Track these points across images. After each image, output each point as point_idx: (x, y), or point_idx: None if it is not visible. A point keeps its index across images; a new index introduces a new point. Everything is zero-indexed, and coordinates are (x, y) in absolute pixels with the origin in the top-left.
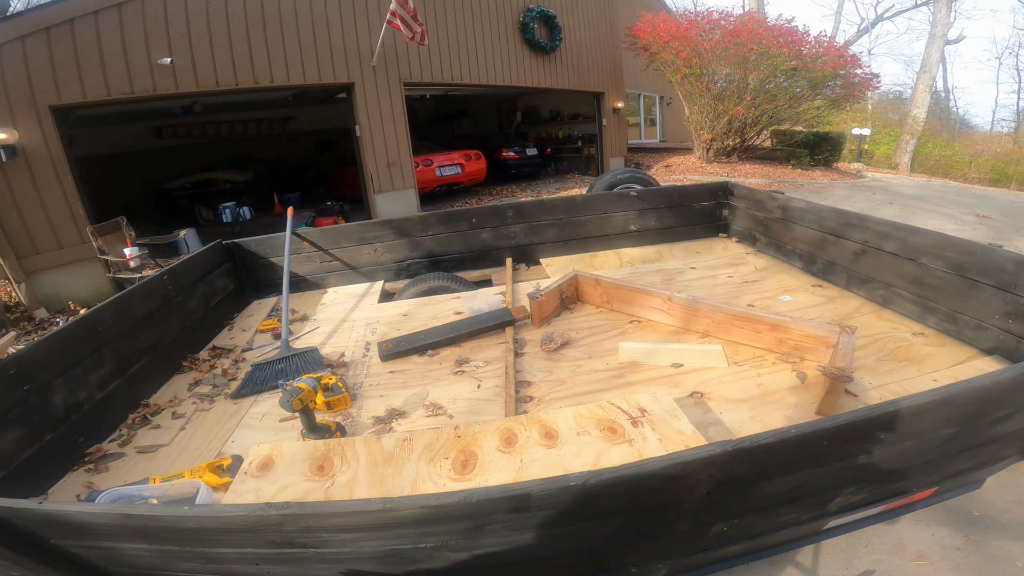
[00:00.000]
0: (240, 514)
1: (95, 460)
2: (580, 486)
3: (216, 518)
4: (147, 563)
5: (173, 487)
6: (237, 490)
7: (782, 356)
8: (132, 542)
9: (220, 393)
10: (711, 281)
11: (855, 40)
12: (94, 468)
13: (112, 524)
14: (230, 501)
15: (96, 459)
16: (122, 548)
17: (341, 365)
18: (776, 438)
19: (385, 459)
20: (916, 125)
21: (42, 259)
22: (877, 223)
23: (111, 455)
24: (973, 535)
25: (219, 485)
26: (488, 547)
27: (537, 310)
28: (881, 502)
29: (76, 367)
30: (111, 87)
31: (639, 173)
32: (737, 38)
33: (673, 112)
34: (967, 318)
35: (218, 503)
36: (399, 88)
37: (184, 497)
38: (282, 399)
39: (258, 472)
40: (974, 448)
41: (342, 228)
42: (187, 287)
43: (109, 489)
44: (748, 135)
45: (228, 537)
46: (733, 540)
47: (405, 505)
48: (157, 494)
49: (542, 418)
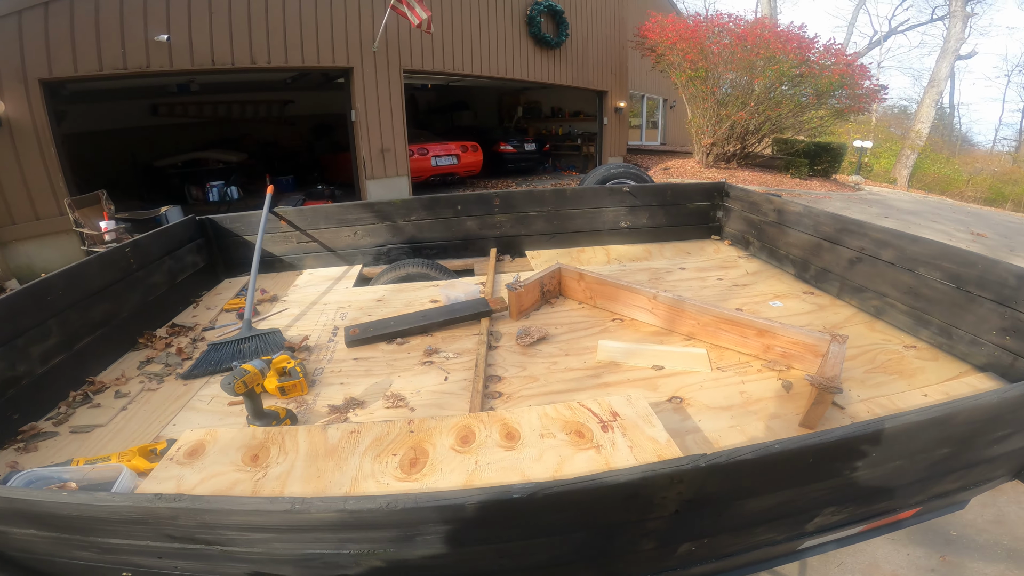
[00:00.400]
0: (125, 504)
1: (27, 439)
2: (526, 499)
3: (99, 507)
4: (41, 549)
5: (95, 470)
6: (157, 477)
7: (768, 363)
8: (20, 527)
9: (171, 373)
10: (700, 283)
11: (866, 52)
12: (23, 447)
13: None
14: (147, 488)
15: (28, 437)
16: (12, 532)
17: (304, 349)
18: (756, 454)
19: (327, 452)
20: (918, 140)
21: (17, 229)
22: (875, 230)
23: (44, 434)
24: (949, 555)
25: (148, 470)
26: (424, 558)
27: (515, 302)
28: (861, 522)
29: (17, 338)
30: (104, 62)
31: (633, 169)
32: (745, 42)
33: (676, 116)
34: (962, 332)
35: (136, 490)
36: (399, 75)
37: (104, 482)
38: (223, 381)
39: (185, 459)
40: (965, 468)
41: (321, 209)
42: (152, 261)
43: (25, 471)
44: (749, 142)
45: (119, 528)
46: (701, 560)
47: (317, 507)
48: (77, 477)
49: (504, 417)
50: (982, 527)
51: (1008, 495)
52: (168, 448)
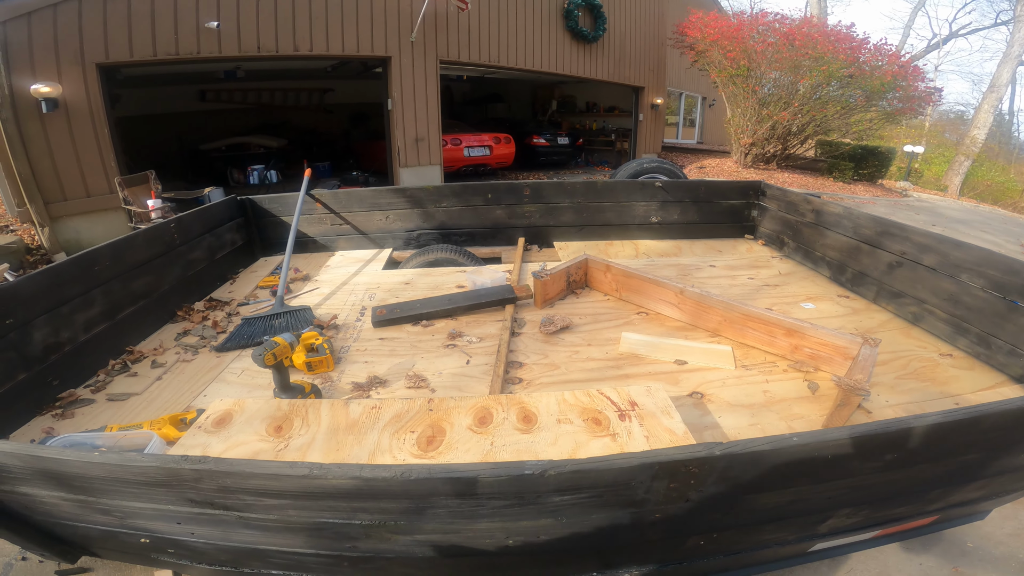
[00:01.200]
0: (152, 465)
1: (64, 405)
2: (537, 476)
3: (126, 467)
4: (64, 513)
5: (126, 437)
6: (185, 444)
7: (795, 364)
8: (48, 488)
9: (206, 345)
10: (729, 281)
11: (923, 55)
12: (61, 414)
13: (24, 467)
14: (175, 454)
15: (66, 404)
16: (39, 495)
17: (332, 327)
18: (774, 446)
19: (348, 426)
20: (973, 146)
21: (68, 205)
22: (918, 234)
23: (81, 401)
24: (962, 567)
25: (177, 439)
26: (433, 533)
27: (541, 290)
28: (875, 527)
29: (62, 306)
30: (158, 48)
31: (667, 164)
32: (792, 41)
33: (714, 114)
34: (1001, 342)
35: None
36: (435, 65)
37: (134, 448)
38: (255, 352)
39: (212, 428)
40: (989, 477)
41: (355, 193)
42: (193, 237)
43: (60, 436)
44: (791, 143)
45: (143, 491)
46: (708, 555)
47: (334, 474)
48: (109, 443)
49: (523, 400)
50: (1000, 539)
51: None
52: (197, 417)
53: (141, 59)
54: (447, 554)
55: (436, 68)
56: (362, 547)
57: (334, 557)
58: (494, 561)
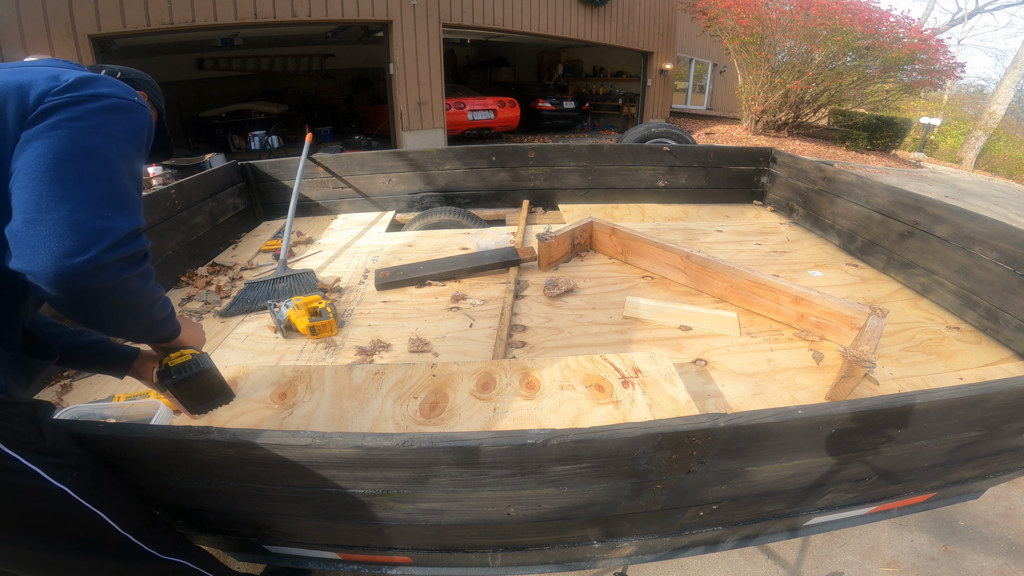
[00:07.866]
0: (157, 435)
1: (72, 376)
2: (539, 445)
3: (129, 439)
4: None
5: (133, 406)
6: None
7: (801, 332)
8: None
9: (210, 311)
10: (736, 246)
11: (946, 29)
12: (68, 384)
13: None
14: (180, 423)
15: (73, 375)
16: None
17: (335, 290)
18: (778, 418)
19: (351, 392)
20: (992, 121)
21: None
22: (932, 204)
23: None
24: (952, 546)
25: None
26: (436, 502)
27: (545, 252)
28: (873, 503)
29: None
30: (151, 17)
31: (675, 129)
32: (807, 11)
33: (725, 81)
34: (1010, 317)
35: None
36: (437, 29)
37: (142, 418)
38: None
39: None
40: (988, 456)
41: (357, 156)
42: (195, 203)
43: (68, 407)
44: (803, 111)
45: (146, 463)
46: (706, 526)
47: (336, 443)
48: (116, 413)
49: (526, 366)
50: (991, 519)
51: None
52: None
53: (134, 29)
54: (450, 521)
55: (439, 31)
56: (365, 515)
57: (337, 526)
58: (496, 530)
